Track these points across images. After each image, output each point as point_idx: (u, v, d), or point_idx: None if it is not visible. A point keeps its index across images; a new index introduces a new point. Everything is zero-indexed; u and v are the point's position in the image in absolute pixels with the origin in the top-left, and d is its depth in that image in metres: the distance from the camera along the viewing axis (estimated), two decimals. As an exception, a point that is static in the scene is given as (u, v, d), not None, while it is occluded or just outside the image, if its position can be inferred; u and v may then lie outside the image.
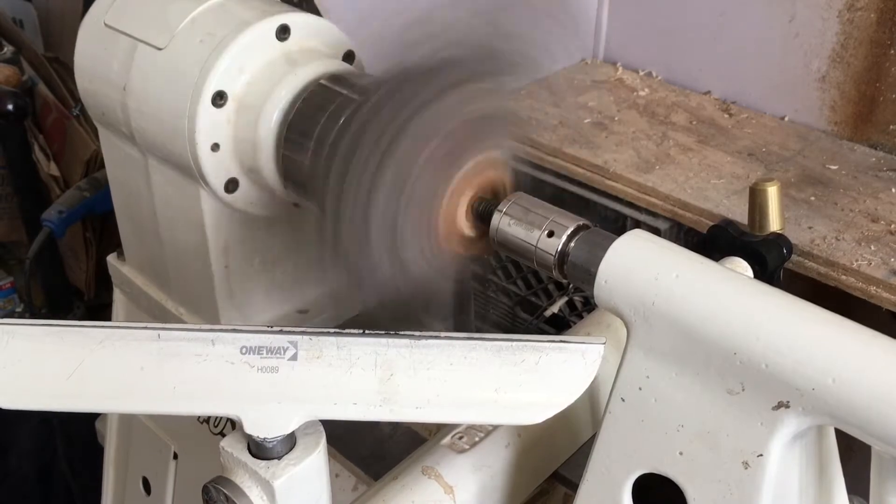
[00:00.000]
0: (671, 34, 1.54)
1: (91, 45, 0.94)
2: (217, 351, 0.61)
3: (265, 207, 0.92)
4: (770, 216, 0.97)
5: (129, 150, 0.96)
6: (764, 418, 0.56)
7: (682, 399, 0.60)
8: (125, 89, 0.89)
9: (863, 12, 1.30)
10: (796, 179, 1.26)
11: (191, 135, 0.83)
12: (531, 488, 0.78)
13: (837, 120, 1.38)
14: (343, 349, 0.61)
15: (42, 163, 1.63)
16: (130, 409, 0.64)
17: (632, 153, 1.33)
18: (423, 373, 0.61)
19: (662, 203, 1.23)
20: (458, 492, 0.71)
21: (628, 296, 0.62)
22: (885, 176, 1.27)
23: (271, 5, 0.88)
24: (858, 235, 1.13)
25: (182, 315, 1.03)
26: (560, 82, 1.56)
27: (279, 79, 0.83)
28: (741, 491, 0.58)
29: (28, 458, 1.73)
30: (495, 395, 0.61)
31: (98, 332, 0.62)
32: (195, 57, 0.83)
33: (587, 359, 0.61)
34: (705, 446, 0.59)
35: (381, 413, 0.61)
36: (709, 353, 0.58)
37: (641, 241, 0.64)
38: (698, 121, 1.43)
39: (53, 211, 1.48)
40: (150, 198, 0.97)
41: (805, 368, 0.54)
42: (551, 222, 0.70)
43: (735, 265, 0.92)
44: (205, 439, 1.05)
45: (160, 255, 1.01)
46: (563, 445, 0.79)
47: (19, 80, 1.61)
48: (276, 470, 0.60)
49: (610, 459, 0.65)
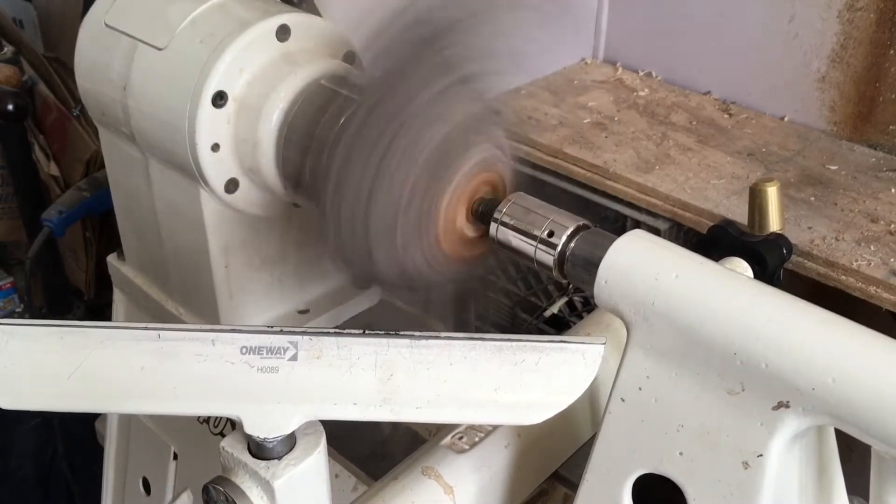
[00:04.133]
0: (671, 34, 1.54)
1: (91, 45, 0.94)
2: (217, 351, 0.61)
3: (265, 207, 0.92)
4: (770, 216, 0.97)
5: (129, 150, 0.96)
6: (764, 418, 0.56)
7: (682, 399, 0.60)
8: (125, 89, 0.89)
9: (862, 12, 1.30)
10: (796, 179, 1.26)
11: (191, 135, 0.83)
12: (531, 488, 0.78)
13: (837, 120, 1.38)
14: (343, 349, 0.61)
15: (42, 163, 1.63)
16: (130, 409, 0.64)
17: (632, 153, 1.33)
18: (423, 373, 0.61)
19: (662, 203, 1.23)
20: (458, 492, 0.71)
21: (628, 296, 0.62)
22: (885, 176, 1.27)
23: (271, 5, 0.88)
24: (858, 236, 1.13)
25: (182, 315, 1.03)
26: (560, 82, 1.56)
27: (279, 79, 0.83)
28: (741, 491, 0.58)
29: (28, 459, 1.73)
30: (495, 395, 0.61)
31: (98, 332, 0.62)
32: (195, 57, 0.83)
33: (587, 359, 0.61)
34: (705, 446, 0.59)
35: (381, 413, 0.61)
36: (709, 353, 0.58)
37: (641, 242, 0.64)
38: (698, 121, 1.43)
39: (53, 211, 1.48)
40: (150, 198, 0.97)
41: (805, 368, 0.54)
42: (551, 222, 0.70)
43: (735, 265, 0.92)
44: (205, 439, 1.05)
45: (160, 255, 1.01)
46: (563, 445, 0.79)
47: (19, 80, 1.61)
48: (277, 470, 0.60)
49: (610, 459, 0.65)
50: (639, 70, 1.61)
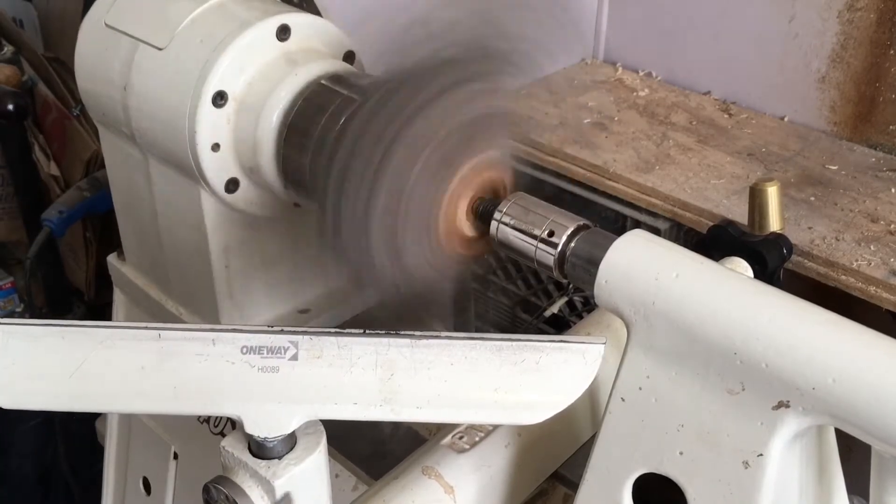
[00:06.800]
0: (671, 34, 1.54)
1: (91, 45, 0.94)
2: (217, 351, 0.61)
3: (265, 207, 0.92)
4: (770, 216, 0.97)
5: (129, 150, 0.96)
6: (764, 418, 0.56)
7: (682, 399, 0.60)
8: (125, 89, 0.89)
9: (862, 13, 1.30)
10: (796, 179, 1.26)
11: (191, 135, 0.83)
12: (531, 488, 0.78)
13: (837, 120, 1.38)
14: (344, 349, 0.61)
15: (42, 163, 1.63)
16: (130, 409, 0.64)
17: (632, 153, 1.33)
18: (423, 373, 0.61)
19: (662, 203, 1.23)
20: (458, 492, 0.71)
21: (628, 296, 0.62)
22: (885, 176, 1.27)
23: (271, 5, 0.88)
24: (858, 236, 1.13)
25: (182, 315, 1.03)
26: (560, 82, 1.56)
27: (279, 79, 0.83)
28: (741, 491, 0.58)
29: (28, 459, 1.73)
30: (495, 394, 0.61)
31: (98, 331, 0.62)
32: (195, 57, 0.83)
33: (587, 359, 0.61)
34: (705, 446, 0.59)
35: (381, 413, 0.61)
36: (709, 353, 0.58)
37: (641, 241, 0.64)
38: (698, 121, 1.44)
39: (53, 211, 1.48)
40: (150, 198, 0.97)
41: (805, 368, 0.54)
42: (551, 222, 0.70)
43: (735, 265, 0.92)
44: (205, 439, 1.05)
45: (160, 255, 1.01)
46: (563, 445, 0.79)
47: (19, 80, 1.61)
48: (277, 469, 0.60)
49: (610, 459, 0.65)
50: (639, 70, 1.61)
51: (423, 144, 0.70)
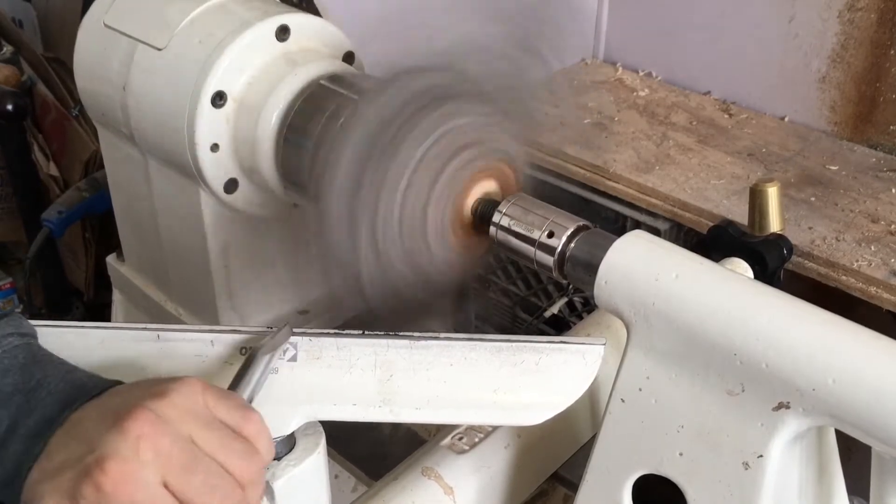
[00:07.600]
0: (671, 34, 1.54)
1: (91, 45, 0.94)
2: (216, 351, 0.61)
3: (265, 208, 0.92)
4: (770, 217, 0.97)
5: (128, 150, 0.96)
6: (764, 419, 0.56)
7: (682, 400, 0.60)
8: (125, 89, 0.89)
9: (863, 13, 1.30)
10: (796, 180, 1.26)
11: (190, 135, 0.83)
12: (531, 489, 0.78)
13: (837, 120, 1.38)
14: (343, 350, 0.61)
15: (41, 163, 1.63)
16: (130, 410, 0.64)
17: (632, 153, 1.33)
18: (422, 373, 0.61)
19: (662, 203, 1.23)
20: (457, 493, 0.70)
21: (628, 296, 0.62)
22: (885, 176, 1.27)
23: (271, 5, 0.88)
24: (858, 236, 1.13)
25: (181, 316, 1.03)
26: (560, 82, 1.56)
27: (279, 79, 0.83)
28: (741, 491, 0.58)
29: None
30: (495, 395, 0.61)
31: (98, 332, 0.62)
32: (195, 57, 0.83)
33: (587, 360, 0.61)
34: (705, 447, 0.59)
35: (380, 414, 0.61)
36: (709, 353, 0.58)
37: (641, 242, 0.64)
38: (698, 121, 1.43)
39: (53, 211, 1.47)
40: (149, 198, 0.97)
41: (805, 369, 0.54)
42: (551, 223, 0.70)
43: (735, 266, 0.92)
44: (204, 440, 1.05)
45: (160, 256, 1.01)
46: (563, 446, 0.79)
47: (18, 80, 1.61)
48: (276, 471, 0.60)
49: (610, 460, 0.65)
50: (639, 70, 1.60)
51: (421, 146, 0.70)
